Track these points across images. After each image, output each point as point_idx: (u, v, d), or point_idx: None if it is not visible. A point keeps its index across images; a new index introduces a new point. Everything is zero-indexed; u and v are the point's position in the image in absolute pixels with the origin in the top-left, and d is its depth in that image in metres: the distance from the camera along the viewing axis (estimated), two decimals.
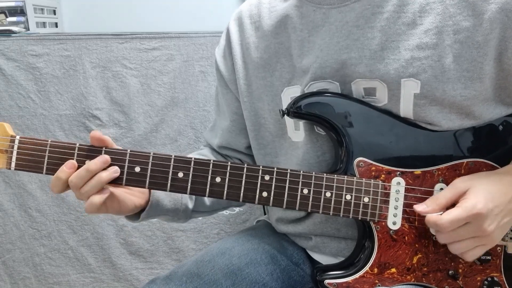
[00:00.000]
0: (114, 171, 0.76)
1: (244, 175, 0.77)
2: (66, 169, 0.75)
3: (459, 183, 0.75)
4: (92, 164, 0.75)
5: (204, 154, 1.02)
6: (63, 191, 0.77)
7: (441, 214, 0.72)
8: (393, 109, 0.80)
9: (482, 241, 0.73)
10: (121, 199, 0.80)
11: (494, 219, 0.72)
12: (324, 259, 0.92)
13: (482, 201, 0.71)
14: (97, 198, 0.75)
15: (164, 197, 0.86)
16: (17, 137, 0.78)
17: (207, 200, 0.96)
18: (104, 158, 0.76)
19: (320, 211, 0.78)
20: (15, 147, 0.77)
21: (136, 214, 0.86)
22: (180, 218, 0.93)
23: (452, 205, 0.74)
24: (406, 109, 0.79)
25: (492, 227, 0.72)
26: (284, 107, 0.86)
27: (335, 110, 0.80)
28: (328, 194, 0.78)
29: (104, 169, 0.76)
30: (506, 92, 0.79)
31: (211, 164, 0.77)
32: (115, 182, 0.77)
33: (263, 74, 0.91)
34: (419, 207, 0.75)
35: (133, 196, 0.83)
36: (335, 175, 0.78)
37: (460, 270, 0.79)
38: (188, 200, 0.91)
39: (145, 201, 0.84)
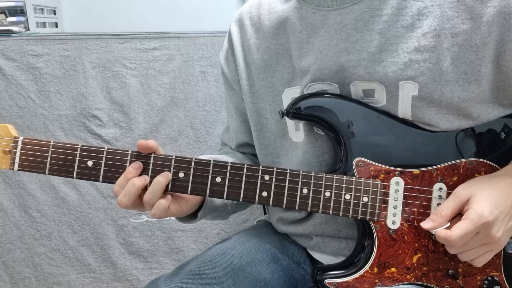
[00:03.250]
0: (167, 175, 0.77)
1: (244, 175, 0.78)
2: (132, 169, 0.76)
3: (461, 191, 0.75)
4: (131, 173, 0.76)
5: (229, 151, 1.04)
6: (135, 197, 0.76)
7: (448, 226, 0.72)
8: (392, 110, 0.80)
9: (491, 247, 0.74)
10: (182, 199, 0.81)
11: (501, 225, 0.72)
12: (324, 259, 0.93)
13: (487, 209, 0.71)
14: (164, 202, 0.76)
15: None
16: (20, 138, 0.78)
17: None
18: (137, 164, 0.77)
19: (320, 210, 0.78)
20: (18, 148, 0.78)
21: (191, 215, 0.86)
22: (228, 213, 0.93)
23: (457, 214, 0.74)
24: (404, 110, 0.80)
25: (500, 233, 0.72)
26: (285, 107, 0.87)
27: (334, 111, 0.80)
28: (327, 194, 0.78)
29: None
30: (504, 93, 0.80)
31: (211, 164, 0.78)
32: None
33: (264, 75, 0.91)
34: (426, 225, 0.75)
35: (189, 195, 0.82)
36: (334, 175, 0.79)
37: (460, 270, 0.79)
38: None
39: (201, 199, 0.85)
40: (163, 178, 0.76)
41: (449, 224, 0.73)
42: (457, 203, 0.74)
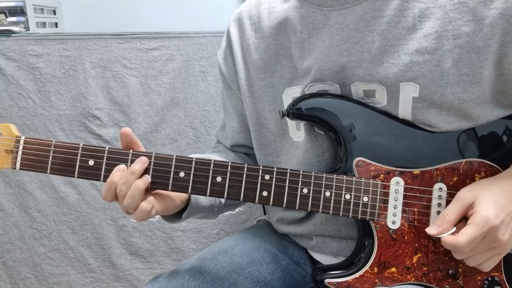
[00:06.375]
0: (147, 178, 0.76)
1: (244, 175, 0.78)
2: (117, 172, 0.75)
3: (464, 194, 0.74)
4: (135, 167, 0.75)
5: (222, 150, 1.03)
6: (116, 199, 0.76)
7: (454, 231, 0.71)
8: (392, 111, 0.80)
9: (497, 250, 0.73)
10: (168, 197, 0.80)
11: (507, 228, 0.72)
12: (324, 259, 0.93)
13: (492, 212, 0.70)
14: (146, 205, 0.74)
15: None
16: (22, 137, 0.79)
17: None
18: (143, 159, 0.76)
19: (320, 210, 0.78)
20: (20, 147, 0.78)
21: (177, 214, 0.85)
22: (214, 213, 0.92)
23: (462, 218, 0.74)
24: (404, 111, 0.80)
25: (506, 236, 0.71)
26: (285, 107, 0.87)
27: (334, 111, 0.81)
28: (327, 194, 0.78)
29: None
30: (504, 95, 0.80)
31: (212, 164, 0.78)
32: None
33: (264, 75, 0.91)
34: (431, 231, 0.74)
35: (175, 192, 0.81)
36: (335, 175, 0.79)
37: (460, 270, 0.79)
38: None
39: (187, 198, 0.84)
40: (142, 182, 0.75)
41: (454, 229, 0.72)
42: (461, 207, 0.73)
